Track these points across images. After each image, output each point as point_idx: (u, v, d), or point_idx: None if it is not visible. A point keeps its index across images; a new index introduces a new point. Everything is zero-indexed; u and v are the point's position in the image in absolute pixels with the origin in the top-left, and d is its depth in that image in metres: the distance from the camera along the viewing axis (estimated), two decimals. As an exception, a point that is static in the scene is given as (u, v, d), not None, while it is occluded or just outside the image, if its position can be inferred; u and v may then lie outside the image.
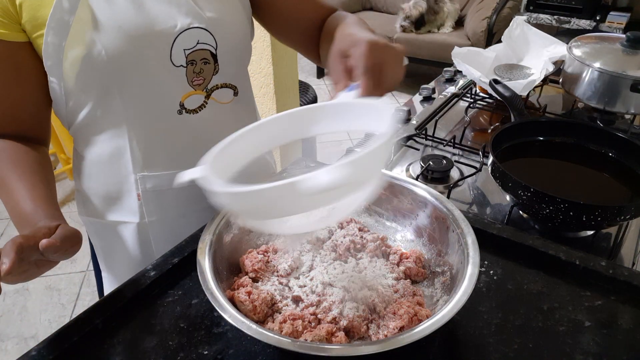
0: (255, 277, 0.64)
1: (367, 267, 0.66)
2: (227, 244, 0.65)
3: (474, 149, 1.04)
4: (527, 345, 0.58)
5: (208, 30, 0.70)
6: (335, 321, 0.58)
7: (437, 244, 0.67)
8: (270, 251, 0.69)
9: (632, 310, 0.63)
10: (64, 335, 0.57)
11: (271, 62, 1.85)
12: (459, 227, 0.62)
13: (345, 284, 0.62)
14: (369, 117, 0.52)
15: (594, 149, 0.92)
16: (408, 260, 0.67)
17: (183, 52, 0.69)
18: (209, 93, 0.75)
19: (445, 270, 0.63)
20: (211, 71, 0.74)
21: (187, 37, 0.69)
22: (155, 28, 0.66)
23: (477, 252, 0.58)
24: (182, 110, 0.73)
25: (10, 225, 2.42)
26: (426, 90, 1.32)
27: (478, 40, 3.26)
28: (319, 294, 0.61)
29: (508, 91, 1.01)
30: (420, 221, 0.70)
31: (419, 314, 0.58)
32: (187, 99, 0.73)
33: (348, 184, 0.43)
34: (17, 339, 1.84)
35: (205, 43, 0.71)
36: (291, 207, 0.45)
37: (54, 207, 0.65)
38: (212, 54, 0.72)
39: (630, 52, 1.07)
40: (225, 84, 0.77)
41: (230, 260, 0.65)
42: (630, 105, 1.07)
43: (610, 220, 0.74)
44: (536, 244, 0.70)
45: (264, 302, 0.59)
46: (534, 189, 0.74)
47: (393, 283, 0.64)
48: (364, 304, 0.60)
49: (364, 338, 0.58)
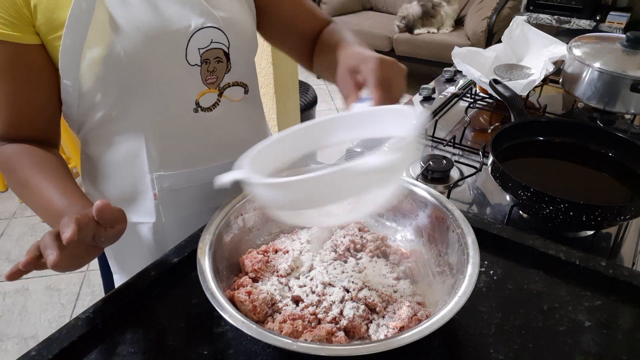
0: (255, 277, 0.64)
1: (367, 267, 0.66)
2: (227, 244, 0.65)
3: (474, 149, 1.04)
4: (527, 345, 0.58)
5: (221, 30, 0.71)
6: (335, 321, 0.58)
7: (437, 244, 0.67)
8: (270, 251, 0.69)
9: (632, 310, 0.63)
10: (64, 335, 0.57)
11: (271, 62, 1.85)
12: (459, 227, 0.62)
13: (345, 283, 0.62)
14: (394, 122, 0.56)
15: (594, 149, 0.92)
16: (408, 260, 0.67)
17: (198, 51, 0.70)
18: (221, 91, 0.76)
19: (446, 270, 0.63)
20: (224, 69, 0.75)
21: (201, 36, 0.70)
22: (171, 28, 0.68)
23: (477, 252, 0.58)
24: (197, 109, 0.75)
25: (10, 225, 2.42)
26: (426, 90, 1.32)
27: (478, 40, 3.26)
28: (318, 293, 0.61)
29: (508, 91, 1.01)
30: (420, 221, 0.70)
31: (418, 314, 0.58)
32: (202, 97, 0.74)
33: (397, 166, 0.50)
34: (17, 339, 1.84)
35: (218, 42, 0.72)
36: (337, 194, 0.48)
37: (88, 200, 0.66)
38: (224, 53, 0.74)
39: (630, 52, 1.07)
40: (237, 82, 0.78)
41: (230, 260, 0.66)
42: (630, 105, 1.07)
43: (610, 220, 0.74)
44: (536, 244, 0.70)
45: (263, 302, 0.59)
46: (534, 189, 0.74)
47: (393, 283, 0.64)
48: (364, 304, 0.60)
49: (364, 338, 0.58)
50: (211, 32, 0.71)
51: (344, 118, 0.60)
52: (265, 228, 0.73)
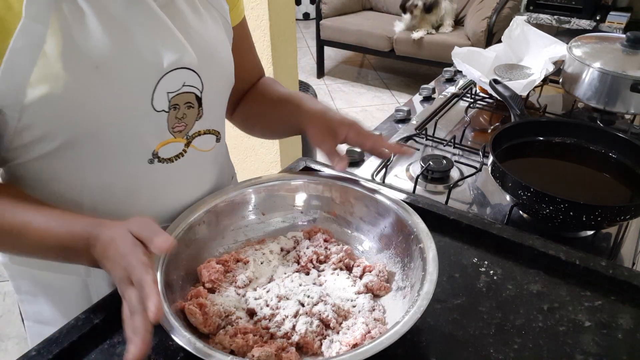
0: (212, 287, 0.62)
1: (328, 280, 0.64)
2: (185, 253, 0.64)
3: (474, 149, 1.04)
4: (527, 345, 0.58)
5: (195, 71, 0.63)
6: (288, 336, 0.57)
7: (402, 257, 0.65)
8: (231, 261, 0.66)
9: (632, 310, 0.63)
10: (64, 335, 0.57)
11: (271, 62, 1.85)
12: (420, 242, 0.61)
13: (301, 297, 0.60)
14: None
15: (594, 149, 0.92)
16: (371, 273, 0.65)
17: (166, 95, 0.61)
18: (189, 140, 0.67)
19: (407, 285, 0.61)
20: (194, 116, 0.66)
21: (172, 78, 0.61)
22: (138, 68, 0.58)
23: (436, 269, 0.57)
24: (153, 160, 0.64)
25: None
26: (426, 90, 1.31)
27: (478, 40, 3.26)
28: (272, 307, 0.60)
29: (508, 91, 1.01)
30: (386, 232, 0.69)
31: (372, 331, 0.56)
32: (163, 147, 0.64)
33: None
34: (17, 339, 1.84)
35: (191, 85, 0.63)
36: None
37: (84, 216, 0.57)
38: (197, 97, 0.65)
39: (630, 52, 1.07)
40: (209, 130, 0.70)
41: (188, 269, 0.64)
42: (630, 105, 1.07)
43: (610, 220, 0.74)
44: (536, 244, 0.70)
45: (215, 314, 0.57)
46: (534, 189, 0.74)
47: (353, 297, 0.62)
48: (318, 319, 0.58)
49: (317, 354, 0.56)
50: (184, 74, 0.62)
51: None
52: (231, 236, 0.71)
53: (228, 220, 0.71)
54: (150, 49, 0.58)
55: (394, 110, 1.22)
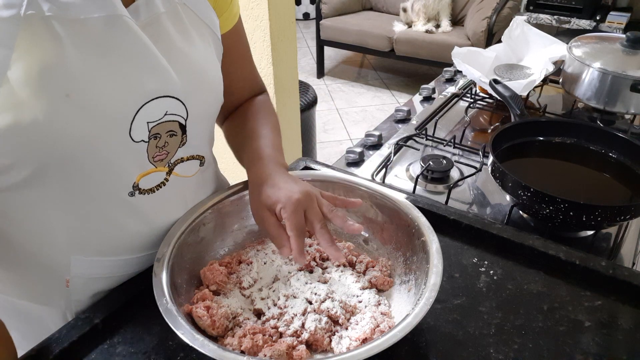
0: (216, 289, 0.63)
1: (333, 277, 0.65)
2: (188, 256, 0.64)
3: (474, 149, 1.05)
4: (527, 345, 0.58)
5: (179, 99, 0.58)
6: (297, 334, 0.57)
7: (404, 252, 0.66)
8: (233, 262, 0.67)
9: (632, 310, 0.63)
10: (64, 335, 0.57)
11: (271, 62, 1.85)
12: (422, 235, 0.61)
13: (308, 295, 0.60)
14: None
15: (594, 149, 0.92)
16: (374, 268, 0.66)
17: (146, 125, 0.56)
18: (171, 168, 0.62)
19: (411, 279, 0.62)
20: (177, 144, 0.61)
21: (154, 107, 0.56)
22: (114, 96, 0.52)
23: (440, 261, 0.57)
24: (134, 192, 0.59)
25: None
26: (426, 90, 1.32)
27: (478, 40, 3.26)
28: (280, 306, 0.60)
29: (508, 91, 1.01)
30: (387, 227, 0.69)
31: (381, 325, 0.57)
32: (143, 178, 0.59)
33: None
34: (17, 339, 1.84)
35: (174, 114, 0.58)
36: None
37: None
38: (180, 125, 0.60)
39: (630, 52, 1.07)
40: (192, 156, 0.65)
41: (191, 272, 0.64)
42: (630, 105, 1.07)
43: (610, 220, 0.74)
44: (536, 244, 0.70)
45: (223, 316, 0.57)
46: (534, 189, 0.74)
47: (358, 293, 0.63)
48: (326, 316, 0.59)
49: (327, 351, 0.57)
50: (167, 102, 0.57)
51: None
52: (230, 237, 0.71)
53: (230, 221, 0.71)
54: (129, 76, 0.53)
55: (394, 110, 1.22)
